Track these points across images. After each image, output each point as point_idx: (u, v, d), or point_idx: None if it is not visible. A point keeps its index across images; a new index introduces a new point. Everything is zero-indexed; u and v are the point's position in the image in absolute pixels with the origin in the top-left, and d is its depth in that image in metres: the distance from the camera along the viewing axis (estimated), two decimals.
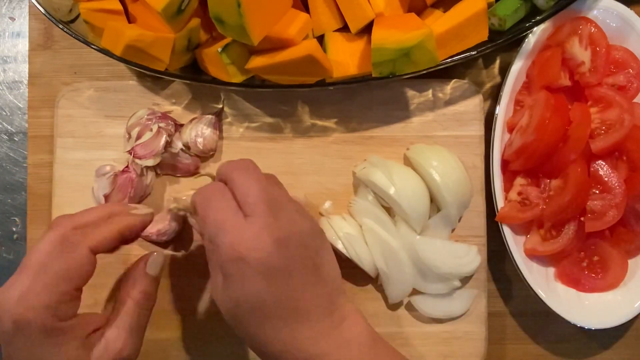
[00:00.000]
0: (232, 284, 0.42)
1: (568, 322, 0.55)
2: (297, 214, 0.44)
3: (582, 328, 0.55)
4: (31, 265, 0.43)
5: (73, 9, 0.53)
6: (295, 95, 0.58)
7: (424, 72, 0.53)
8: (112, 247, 0.46)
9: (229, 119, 0.58)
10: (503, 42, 0.54)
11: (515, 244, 0.55)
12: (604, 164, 0.56)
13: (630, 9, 0.57)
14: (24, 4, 0.62)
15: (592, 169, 0.56)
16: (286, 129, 0.58)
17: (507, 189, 0.57)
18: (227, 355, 0.57)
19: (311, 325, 0.42)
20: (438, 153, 0.55)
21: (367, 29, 0.52)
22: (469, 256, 0.55)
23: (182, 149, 0.57)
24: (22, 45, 0.62)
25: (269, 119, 0.58)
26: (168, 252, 0.56)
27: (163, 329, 0.57)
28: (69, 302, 0.43)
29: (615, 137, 0.54)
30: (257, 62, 0.51)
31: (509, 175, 0.57)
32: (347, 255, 0.54)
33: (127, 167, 0.55)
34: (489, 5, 0.53)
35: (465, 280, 0.57)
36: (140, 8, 0.51)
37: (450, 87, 0.58)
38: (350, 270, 0.57)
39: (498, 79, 0.61)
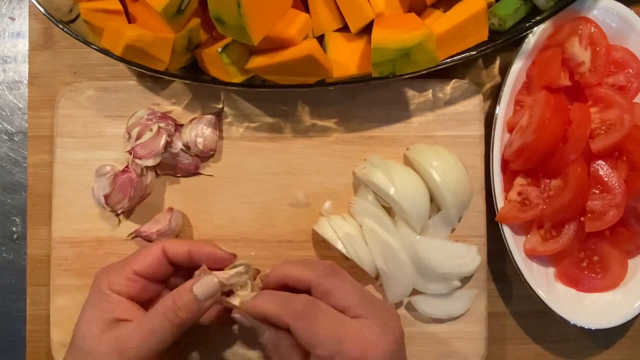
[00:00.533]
0: None
1: (568, 322, 0.55)
2: (385, 303, 0.48)
3: (582, 328, 0.55)
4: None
5: (73, 9, 0.53)
6: (295, 95, 0.58)
7: (424, 72, 0.53)
8: (179, 258, 0.49)
9: (229, 119, 0.58)
10: (503, 42, 0.54)
11: (515, 244, 0.55)
12: (604, 164, 0.56)
13: (630, 9, 0.57)
14: (24, 4, 0.62)
15: (592, 169, 0.56)
16: (286, 129, 0.58)
17: (507, 189, 0.57)
18: (228, 355, 0.57)
19: None
20: (438, 153, 0.55)
21: (367, 29, 0.52)
22: (469, 256, 0.55)
23: (182, 149, 0.57)
24: (22, 45, 0.62)
25: (269, 119, 0.58)
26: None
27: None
28: (124, 279, 0.48)
29: (615, 137, 0.54)
30: (257, 62, 0.51)
31: (509, 175, 0.57)
32: (347, 255, 0.54)
33: (127, 167, 0.55)
34: (489, 5, 0.53)
35: (465, 280, 0.57)
36: (140, 8, 0.51)
37: (450, 87, 0.58)
38: (350, 270, 0.57)
39: (498, 79, 0.61)
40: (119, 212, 0.56)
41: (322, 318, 0.44)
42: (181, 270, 0.51)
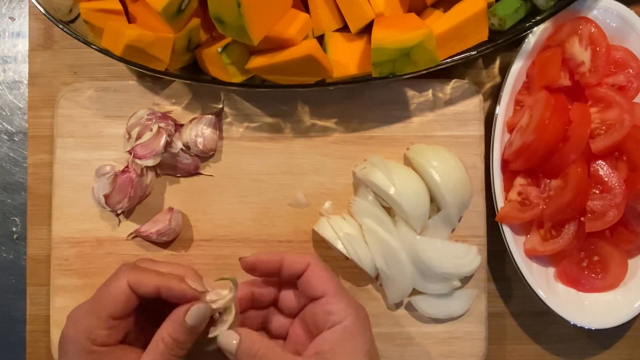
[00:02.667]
0: None
1: (568, 322, 0.55)
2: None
3: (582, 328, 0.55)
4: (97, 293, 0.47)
5: (73, 9, 0.53)
6: (295, 95, 0.58)
7: (424, 72, 0.53)
8: (148, 295, 0.46)
9: (229, 119, 0.58)
10: (503, 42, 0.54)
11: (515, 244, 0.55)
12: (604, 164, 0.56)
13: (630, 9, 0.56)
14: (24, 4, 0.62)
15: (592, 169, 0.56)
16: (286, 129, 0.58)
17: (507, 189, 0.57)
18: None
19: None
20: (438, 153, 0.55)
21: (367, 29, 0.52)
22: (469, 256, 0.55)
23: (182, 149, 0.57)
24: (22, 45, 0.62)
25: (269, 119, 0.58)
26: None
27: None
28: (104, 329, 0.45)
29: (615, 137, 0.54)
30: (257, 62, 0.51)
31: (509, 175, 0.57)
32: (347, 255, 0.54)
33: (127, 167, 0.55)
34: (489, 5, 0.53)
35: (465, 280, 0.57)
36: (140, 8, 0.51)
37: (450, 87, 0.58)
38: (350, 270, 0.57)
39: (498, 79, 0.61)
40: (119, 212, 0.56)
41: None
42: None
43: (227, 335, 0.46)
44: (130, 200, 0.55)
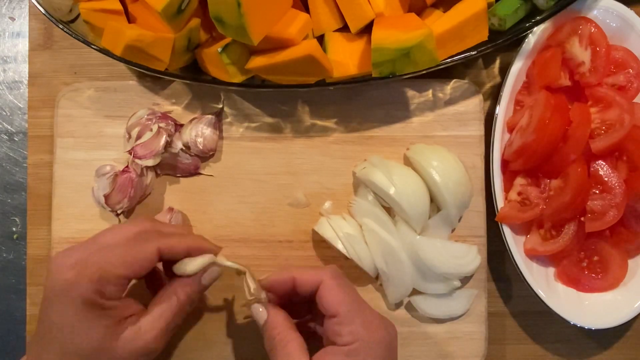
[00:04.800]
0: None
1: (568, 322, 0.55)
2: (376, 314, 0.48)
3: (582, 328, 0.55)
4: (101, 242, 0.46)
5: (73, 9, 0.53)
6: (295, 95, 0.58)
7: (424, 72, 0.53)
8: (175, 258, 0.48)
9: (229, 119, 0.58)
10: (503, 42, 0.54)
11: (515, 244, 0.55)
12: (604, 164, 0.56)
13: (630, 9, 0.56)
14: (24, 4, 0.62)
15: (592, 169, 0.56)
16: (286, 129, 0.58)
17: (507, 189, 0.57)
18: (227, 356, 0.57)
19: None
20: (438, 153, 0.55)
21: (367, 29, 0.52)
22: (469, 256, 0.55)
23: (182, 149, 0.57)
24: (22, 45, 0.62)
25: (269, 119, 0.58)
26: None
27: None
28: (117, 286, 0.45)
29: (615, 137, 0.54)
30: (257, 62, 0.51)
31: (509, 175, 0.57)
32: (347, 255, 0.54)
33: (127, 167, 0.55)
34: (489, 5, 0.53)
35: (465, 280, 0.57)
36: (140, 8, 0.51)
37: (450, 87, 0.58)
38: (350, 270, 0.57)
39: (498, 79, 0.61)
40: (119, 212, 0.56)
41: (349, 285, 0.48)
42: None
43: (256, 311, 0.48)
44: (130, 201, 0.55)
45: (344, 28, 0.53)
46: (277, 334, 0.46)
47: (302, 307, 0.52)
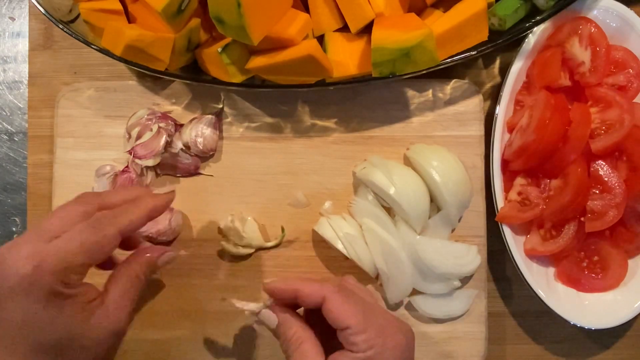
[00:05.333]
0: None
1: (568, 322, 0.55)
2: (391, 317, 0.47)
3: (582, 328, 0.55)
4: (49, 229, 0.43)
5: (73, 9, 0.53)
6: (295, 95, 0.58)
7: (424, 72, 0.53)
8: (140, 227, 0.47)
9: (229, 119, 0.58)
10: (503, 42, 0.54)
11: (515, 244, 0.55)
12: (604, 164, 0.56)
13: (630, 9, 0.56)
14: (24, 4, 0.62)
15: (592, 169, 0.56)
16: (286, 129, 0.58)
17: (507, 189, 0.57)
18: (227, 355, 0.57)
19: None
20: (438, 153, 0.55)
21: (367, 29, 0.52)
22: (469, 256, 0.55)
23: (182, 149, 0.57)
24: (22, 45, 0.62)
25: (269, 119, 0.58)
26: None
27: (163, 328, 0.57)
28: (79, 274, 0.43)
29: (615, 137, 0.54)
30: (257, 62, 0.51)
31: (509, 175, 0.57)
32: (347, 255, 0.54)
33: (126, 167, 0.55)
34: (489, 5, 0.53)
35: (465, 280, 0.57)
36: (140, 8, 0.51)
37: (450, 87, 0.58)
38: (350, 270, 0.57)
39: (498, 79, 0.61)
40: None
41: (356, 295, 0.47)
42: None
43: (266, 316, 0.48)
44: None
45: (344, 28, 0.53)
46: (292, 333, 0.46)
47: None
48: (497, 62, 0.61)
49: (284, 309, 0.47)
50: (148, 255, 0.49)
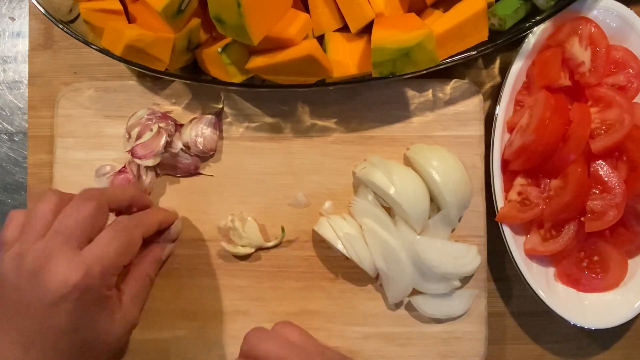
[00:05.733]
0: None
1: (568, 322, 0.55)
2: None
3: (582, 328, 0.55)
4: (72, 234, 0.45)
5: (73, 9, 0.53)
6: (295, 95, 0.58)
7: (424, 72, 0.53)
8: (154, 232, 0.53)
9: (229, 119, 0.58)
10: (503, 42, 0.54)
11: (515, 244, 0.55)
12: (604, 164, 0.56)
13: (630, 9, 0.56)
14: (24, 4, 0.62)
15: (592, 169, 0.56)
16: (286, 129, 0.58)
17: (507, 189, 0.57)
18: (227, 355, 0.57)
19: None
20: (438, 153, 0.55)
21: (367, 29, 0.52)
22: (469, 256, 0.55)
23: (182, 149, 0.57)
24: (22, 45, 0.62)
25: (269, 119, 0.58)
26: (169, 249, 0.58)
27: (163, 329, 0.57)
28: (115, 276, 0.47)
29: (615, 137, 0.54)
30: (257, 62, 0.51)
31: (509, 175, 0.57)
32: (347, 255, 0.54)
33: (124, 167, 0.55)
34: (489, 5, 0.53)
35: (465, 280, 0.57)
36: (140, 8, 0.51)
37: (450, 87, 0.58)
38: (350, 270, 0.57)
39: (498, 79, 0.61)
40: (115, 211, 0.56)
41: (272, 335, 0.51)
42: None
43: None
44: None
45: (344, 28, 0.53)
46: None
47: None
48: (497, 62, 0.61)
49: None
50: (152, 253, 0.54)
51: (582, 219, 0.55)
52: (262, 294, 0.57)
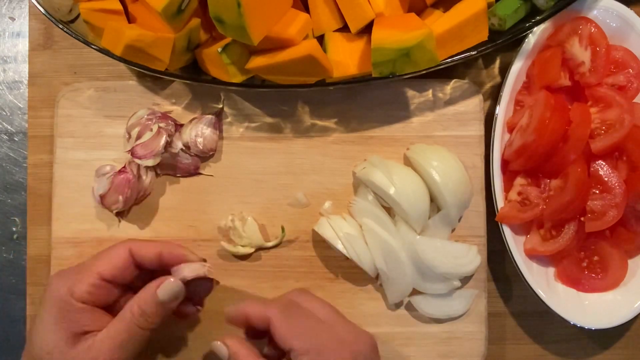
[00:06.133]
0: None
1: (568, 322, 0.55)
2: (349, 331, 0.48)
3: (582, 328, 0.55)
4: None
5: (73, 9, 0.53)
6: (295, 95, 0.58)
7: (424, 72, 0.53)
8: (149, 260, 0.48)
9: (229, 119, 0.58)
10: (503, 42, 0.54)
11: (515, 244, 0.55)
12: (604, 164, 0.56)
13: (630, 9, 0.57)
14: (24, 4, 0.62)
15: (592, 169, 0.56)
16: (286, 129, 0.58)
17: (507, 189, 0.57)
18: None
19: None
20: (438, 153, 0.55)
21: (367, 29, 0.52)
22: (469, 256, 0.55)
23: (182, 149, 0.57)
24: (22, 45, 0.62)
25: (269, 119, 0.58)
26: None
27: (163, 329, 0.57)
28: (87, 285, 0.46)
29: (615, 137, 0.54)
30: (257, 62, 0.51)
31: (509, 175, 0.57)
32: (347, 255, 0.54)
33: (124, 167, 0.55)
34: (489, 5, 0.53)
35: (465, 280, 0.57)
36: (140, 8, 0.51)
37: (450, 87, 0.58)
38: (350, 270, 0.57)
39: (498, 79, 0.61)
40: (114, 212, 0.56)
41: (301, 313, 0.46)
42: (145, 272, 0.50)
43: (216, 347, 0.47)
44: (126, 201, 0.55)
45: (344, 28, 0.53)
46: None
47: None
48: (497, 62, 0.61)
49: (235, 341, 0.46)
50: (145, 287, 0.47)
51: (582, 219, 0.55)
52: (262, 293, 0.57)
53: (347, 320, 0.49)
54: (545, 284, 0.57)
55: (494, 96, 0.61)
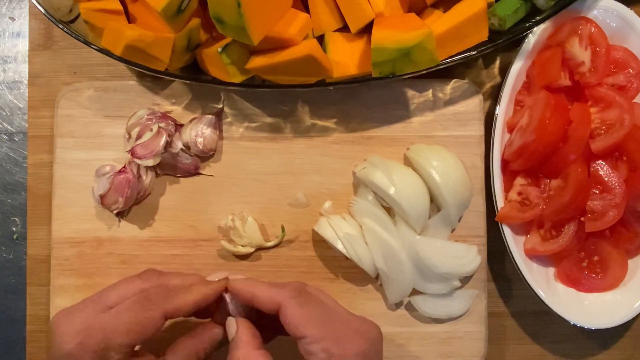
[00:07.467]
0: None
1: (568, 322, 0.55)
2: (355, 322, 0.47)
3: (582, 328, 0.55)
4: (105, 302, 0.45)
5: (73, 9, 0.53)
6: (295, 95, 0.58)
7: (424, 72, 0.53)
8: (187, 315, 0.47)
9: (229, 119, 0.58)
10: (503, 42, 0.54)
11: (515, 244, 0.55)
12: (604, 164, 0.56)
13: (630, 9, 0.56)
14: (24, 4, 0.62)
15: (592, 169, 0.56)
16: (286, 129, 0.58)
17: (507, 189, 0.57)
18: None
19: None
20: (438, 153, 0.56)
21: (367, 29, 0.52)
22: (469, 256, 0.56)
23: (182, 149, 0.57)
24: (22, 45, 0.62)
25: (269, 119, 0.58)
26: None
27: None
28: (121, 354, 0.44)
29: (615, 137, 0.54)
30: (257, 62, 0.51)
31: (509, 175, 0.57)
32: (347, 255, 0.54)
33: (124, 167, 0.55)
34: (489, 5, 0.53)
35: (465, 280, 0.57)
36: (140, 8, 0.51)
37: (450, 87, 0.58)
38: (350, 270, 0.57)
39: (498, 79, 0.61)
40: (114, 212, 0.56)
41: (315, 300, 0.46)
42: None
43: (229, 324, 0.47)
44: (126, 201, 0.55)
45: (344, 28, 0.53)
46: (240, 355, 0.45)
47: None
48: (497, 62, 0.61)
49: (244, 324, 0.46)
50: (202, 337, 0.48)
51: (582, 219, 0.55)
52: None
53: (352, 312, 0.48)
54: (545, 284, 0.57)
55: (494, 96, 0.61)
